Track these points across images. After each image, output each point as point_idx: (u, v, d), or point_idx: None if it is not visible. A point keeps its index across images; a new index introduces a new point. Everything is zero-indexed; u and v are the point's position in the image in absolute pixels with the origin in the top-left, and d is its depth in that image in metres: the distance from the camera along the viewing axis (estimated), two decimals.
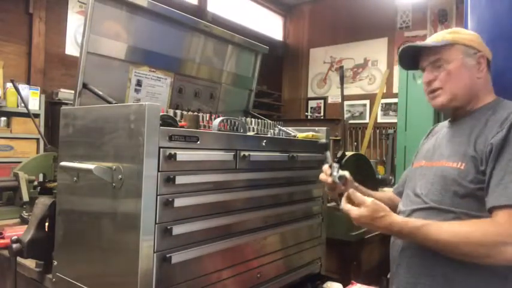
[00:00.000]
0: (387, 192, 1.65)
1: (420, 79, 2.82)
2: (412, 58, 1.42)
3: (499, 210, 1.12)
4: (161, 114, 1.21)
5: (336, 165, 1.33)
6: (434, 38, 1.37)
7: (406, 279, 1.33)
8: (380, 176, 4.49)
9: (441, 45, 1.32)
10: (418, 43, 1.39)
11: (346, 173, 1.38)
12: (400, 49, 1.41)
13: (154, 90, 1.89)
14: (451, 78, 1.31)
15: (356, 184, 1.54)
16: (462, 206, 1.22)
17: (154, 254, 1.17)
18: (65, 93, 4.84)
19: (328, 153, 1.41)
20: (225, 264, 1.42)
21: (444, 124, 1.50)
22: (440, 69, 1.33)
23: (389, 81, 7.39)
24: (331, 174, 1.36)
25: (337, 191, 1.42)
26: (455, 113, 1.40)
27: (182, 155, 1.22)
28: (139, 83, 1.82)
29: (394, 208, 1.39)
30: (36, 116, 4.35)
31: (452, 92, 1.32)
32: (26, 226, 1.55)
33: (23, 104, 3.64)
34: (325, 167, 1.41)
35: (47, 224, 1.51)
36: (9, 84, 4.18)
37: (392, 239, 1.43)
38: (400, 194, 1.56)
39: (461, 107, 1.35)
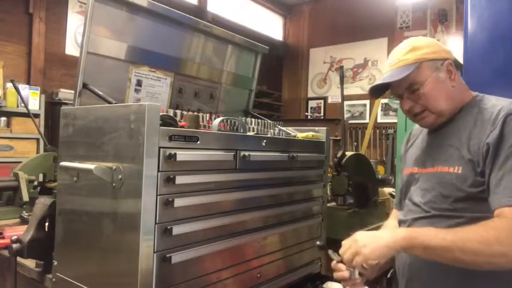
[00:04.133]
0: (393, 218, 1.55)
1: None
2: (382, 86, 1.36)
3: (504, 209, 1.07)
4: (161, 114, 1.21)
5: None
6: (397, 63, 1.29)
7: None
8: (380, 176, 4.48)
9: (410, 72, 1.25)
10: (383, 80, 1.31)
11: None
12: (370, 88, 1.37)
13: (154, 90, 1.89)
14: (430, 98, 1.27)
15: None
16: (465, 210, 1.18)
17: (154, 254, 1.17)
18: (65, 93, 4.84)
19: (331, 251, 1.28)
20: (225, 264, 1.42)
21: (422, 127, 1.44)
22: (416, 93, 1.27)
23: None
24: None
25: (359, 283, 1.26)
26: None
27: (182, 155, 1.22)
28: (139, 83, 1.82)
29: None
30: (36, 116, 4.34)
31: (436, 110, 1.28)
32: (26, 226, 1.55)
33: (23, 104, 3.64)
34: (339, 265, 1.24)
35: (47, 224, 1.51)
36: (9, 84, 4.18)
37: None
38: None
39: (448, 117, 1.31)
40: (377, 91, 1.38)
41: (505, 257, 1.02)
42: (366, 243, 1.14)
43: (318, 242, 1.35)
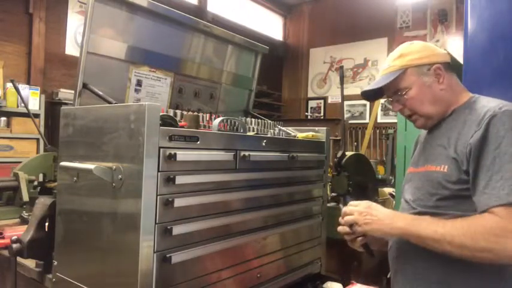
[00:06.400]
0: None
1: None
2: (375, 90, 1.42)
3: (493, 208, 1.10)
4: (161, 114, 1.21)
5: None
6: (387, 69, 1.37)
7: (404, 286, 1.34)
8: (380, 176, 4.48)
9: (394, 78, 1.32)
10: (371, 87, 1.40)
11: None
12: (361, 92, 1.46)
13: (154, 90, 1.89)
14: (416, 102, 1.33)
15: None
16: (448, 208, 1.22)
17: (154, 254, 1.17)
18: (65, 93, 4.84)
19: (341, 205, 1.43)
20: (225, 264, 1.43)
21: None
22: (403, 97, 1.34)
23: None
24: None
25: (358, 242, 1.38)
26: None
27: (182, 155, 1.22)
28: (139, 83, 1.82)
29: None
30: (36, 116, 4.34)
31: (424, 114, 1.34)
32: (26, 226, 1.55)
33: (23, 104, 3.64)
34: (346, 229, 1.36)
35: (47, 224, 1.51)
36: (9, 84, 4.18)
37: (389, 243, 1.42)
38: None
39: (439, 119, 1.36)
40: (372, 95, 1.46)
41: (490, 252, 1.07)
42: (369, 221, 1.26)
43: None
